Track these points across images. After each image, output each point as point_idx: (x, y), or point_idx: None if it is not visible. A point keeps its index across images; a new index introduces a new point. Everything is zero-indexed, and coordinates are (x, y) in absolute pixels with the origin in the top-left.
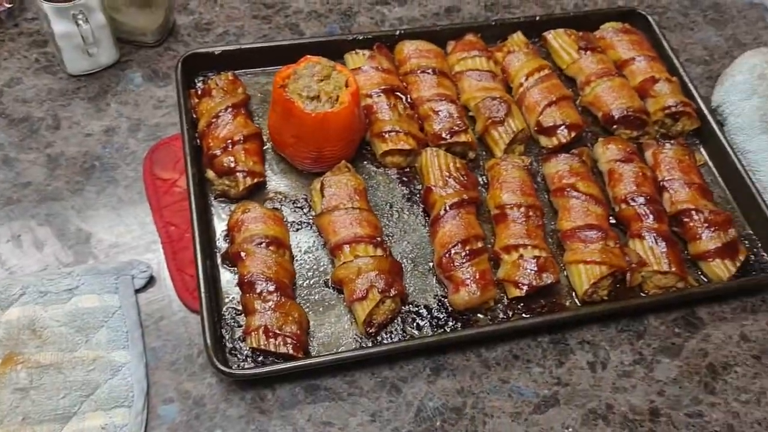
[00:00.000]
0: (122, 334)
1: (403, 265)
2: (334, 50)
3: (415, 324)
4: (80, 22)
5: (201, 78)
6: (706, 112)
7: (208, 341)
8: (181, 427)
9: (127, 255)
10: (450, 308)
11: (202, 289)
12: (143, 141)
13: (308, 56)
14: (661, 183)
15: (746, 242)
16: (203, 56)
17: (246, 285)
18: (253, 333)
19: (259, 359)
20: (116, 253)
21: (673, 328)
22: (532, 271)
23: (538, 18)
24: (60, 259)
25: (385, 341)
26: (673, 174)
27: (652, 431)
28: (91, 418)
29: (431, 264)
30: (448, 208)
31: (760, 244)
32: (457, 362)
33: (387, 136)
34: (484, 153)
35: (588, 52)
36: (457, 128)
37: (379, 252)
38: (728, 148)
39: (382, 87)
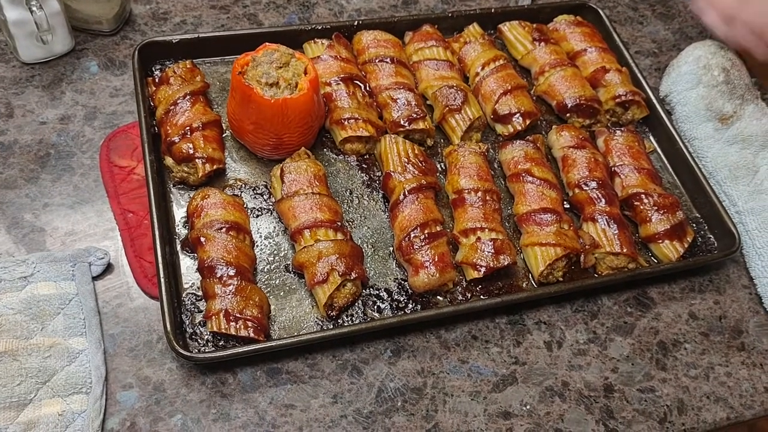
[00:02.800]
0: (79, 320)
1: (363, 250)
2: (293, 40)
3: (375, 307)
4: (34, 8)
5: (158, 67)
6: (654, 101)
7: (168, 326)
8: (141, 413)
9: (84, 242)
10: (410, 291)
11: (161, 274)
12: (100, 129)
13: (267, 44)
14: (613, 168)
15: (694, 225)
16: (160, 45)
17: (206, 270)
18: (213, 317)
19: (220, 344)
20: (73, 241)
21: (626, 307)
22: (490, 253)
23: (493, 10)
24: (15, 247)
25: (346, 324)
26: (624, 160)
27: (607, 407)
28: (48, 405)
29: (391, 248)
30: (407, 192)
31: (706, 227)
32: (418, 343)
33: (346, 123)
34: (442, 140)
35: (542, 44)
36: (415, 116)
37: (340, 236)
38: (675, 136)
39: (341, 75)
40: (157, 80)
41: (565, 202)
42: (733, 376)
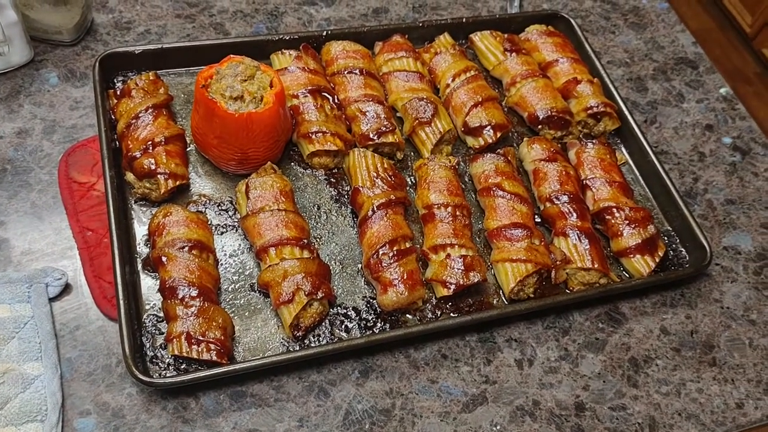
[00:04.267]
0: (35, 345)
1: (331, 267)
2: (260, 50)
3: (343, 326)
4: None
5: (121, 78)
6: (626, 112)
7: (127, 350)
8: None
9: (41, 262)
10: (379, 309)
11: (121, 296)
12: (59, 143)
13: (231, 56)
14: (584, 181)
15: (665, 238)
16: (123, 55)
17: (167, 290)
18: (174, 340)
19: (182, 367)
20: (29, 261)
21: (597, 323)
22: (459, 270)
23: (464, 20)
24: None
25: (312, 344)
26: (595, 173)
27: (578, 425)
28: None
29: (360, 265)
30: (375, 208)
31: (678, 240)
32: (386, 363)
33: (314, 136)
34: (412, 153)
35: (513, 54)
36: (384, 129)
37: (306, 254)
38: (647, 148)
39: (309, 87)
40: (118, 93)
41: (536, 216)
42: (705, 392)
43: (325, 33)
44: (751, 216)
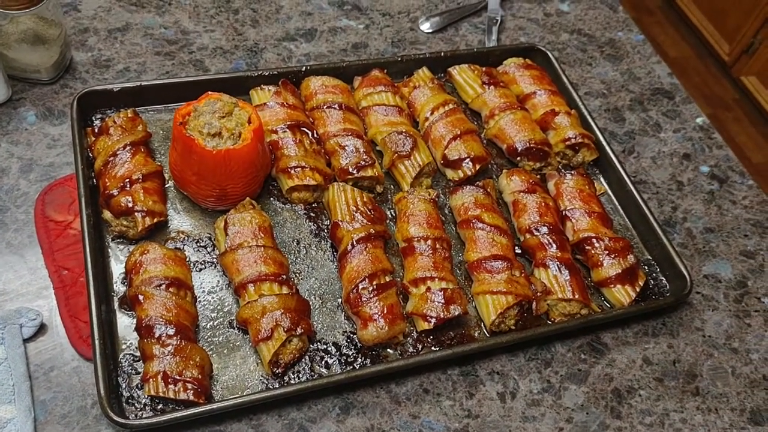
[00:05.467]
0: (8, 387)
1: (311, 302)
2: (240, 86)
3: (323, 362)
4: None
5: (99, 116)
6: (604, 143)
7: (102, 390)
8: None
9: (16, 302)
10: (359, 344)
11: (96, 335)
12: (36, 182)
13: (209, 93)
14: (564, 212)
15: (646, 267)
16: (101, 93)
17: (144, 329)
18: (151, 380)
19: (159, 408)
20: (3, 301)
21: (579, 354)
22: (440, 304)
23: (443, 54)
24: None
25: (292, 381)
26: (575, 203)
27: None
28: None
29: (340, 300)
30: (355, 242)
31: (658, 269)
32: (367, 399)
33: (293, 171)
34: (392, 186)
35: (491, 87)
36: (363, 163)
37: (285, 290)
38: (626, 178)
39: (288, 123)
40: (96, 130)
41: (516, 248)
42: (689, 422)
43: (304, 68)
44: (730, 244)
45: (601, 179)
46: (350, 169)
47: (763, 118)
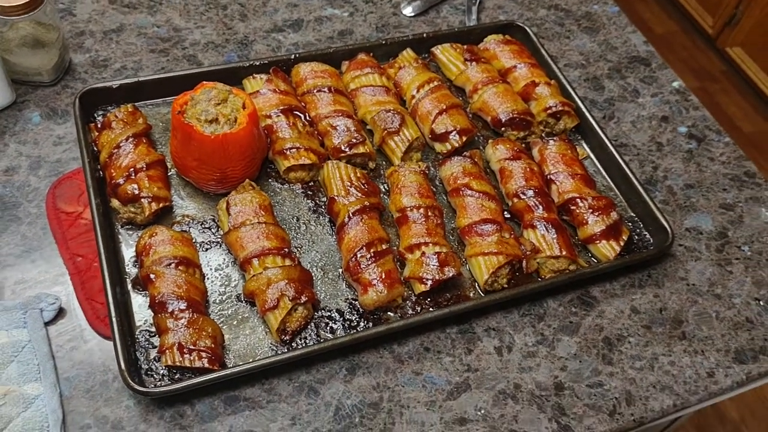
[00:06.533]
0: (33, 366)
1: (313, 274)
2: (233, 77)
3: (328, 328)
4: None
5: (101, 112)
6: (584, 110)
7: (122, 364)
8: None
9: (35, 289)
10: (361, 310)
11: (113, 315)
12: (45, 177)
13: (204, 82)
14: (548, 176)
15: (630, 224)
16: (101, 91)
17: (157, 306)
18: (167, 351)
19: (176, 377)
20: (23, 289)
21: (570, 308)
22: (435, 266)
23: (425, 35)
24: None
25: (300, 347)
26: (558, 167)
27: (558, 404)
28: None
29: (340, 270)
30: (351, 215)
31: (641, 224)
32: (372, 360)
33: (288, 153)
34: (384, 163)
35: (473, 63)
36: (355, 140)
37: (288, 262)
38: (607, 142)
39: (281, 107)
40: (99, 126)
41: (506, 213)
42: (677, 364)
43: (293, 56)
44: (710, 198)
45: (584, 144)
46: (343, 147)
47: (751, 88)
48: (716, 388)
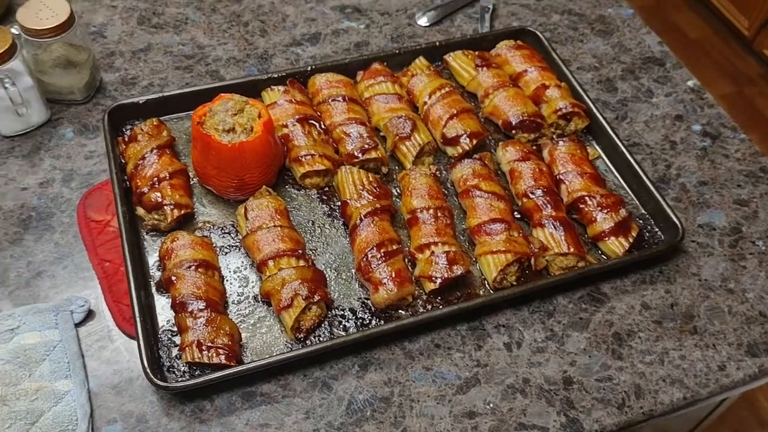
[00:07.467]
0: (64, 364)
1: (327, 274)
2: (252, 90)
3: (341, 326)
4: (7, 85)
5: (129, 127)
6: (595, 110)
7: (146, 362)
8: None
9: (66, 293)
10: (373, 308)
11: (137, 316)
12: (77, 189)
13: (222, 94)
14: (558, 176)
15: (641, 221)
16: (129, 106)
17: (178, 306)
18: (187, 348)
19: (196, 373)
20: (55, 293)
21: (580, 304)
22: (444, 265)
23: (438, 43)
24: (2, 303)
25: (313, 344)
26: (567, 167)
27: (567, 398)
28: None
29: (353, 270)
30: (362, 217)
31: (653, 221)
32: (383, 356)
33: (303, 159)
34: (396, 167)
35: (485, 68)
36: (367, 146)
37: (302, 263)
38: (618, 142)
39: (297, 117)
40: (126, 139)
41: (516, 213)
42: (687, 358)
43: (310, 68)
44: (723, 194)
45: (595, 145)
46: (356, 153)
47: None
48: (728, 381)
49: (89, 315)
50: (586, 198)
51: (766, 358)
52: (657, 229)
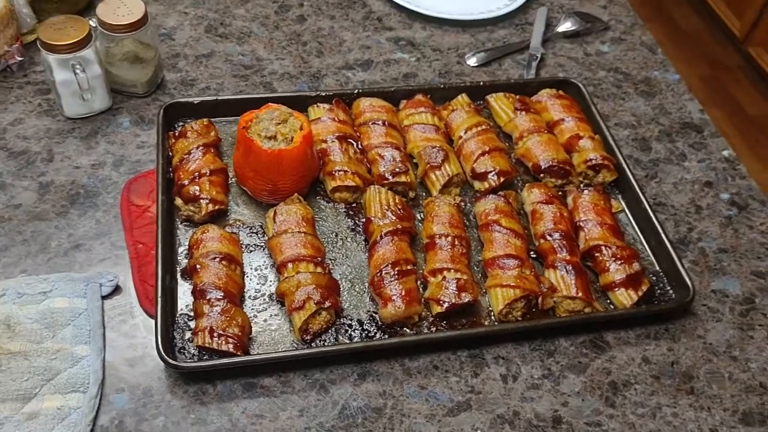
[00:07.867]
0: (86, 331)
1: (342, 285)
2: (300, 104)
3: (347, 334)
4: (77, 71)
5: (181, 123)
6: (624, 165)
7: (160, 340)
8: (129, 413)
9: (98, 267)
10: (380, 322)
11: (159, 297)
12: (124, 174)
13: (270, 104)
14: (578, 223)
15: (654, 278)
16: (184, 105)
17: (198, 293)
18: (200, 333)
19: (204, 358)
20: (89, 265)
21: (582, 348)
22: (453, 291)
23: (482, 83)
24: (40, 268)
25: (318, 347)
26: (588, 215)
27: None
28: (50, 400)
29: (367, 284)
30: (383, 235)
31: (665, 279)
32: (383, 369)
33: (336, 174)
34: (423, 194)
35: (523, 112)
36: (398, 170)
37: (319, 270)
38: (642, 198)
39: (337, 134)
40: (177, 134)
41: (532, 253)
42: (680, 416)
43: (357, 91)
44: (742, 264)
45: (620, 199)
46: (386, 175)
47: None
48: None
49: (116, 290)
50: (602, 247)
51: (759, 429)
52: (669, 288)
